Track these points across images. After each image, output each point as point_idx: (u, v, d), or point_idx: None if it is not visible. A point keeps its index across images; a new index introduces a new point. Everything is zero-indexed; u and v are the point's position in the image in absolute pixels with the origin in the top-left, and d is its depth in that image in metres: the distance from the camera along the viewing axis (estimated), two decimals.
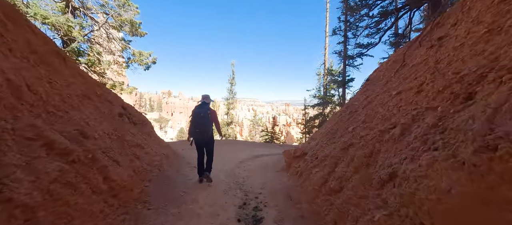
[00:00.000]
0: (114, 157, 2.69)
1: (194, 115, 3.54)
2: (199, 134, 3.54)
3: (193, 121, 3.55)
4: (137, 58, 9.49)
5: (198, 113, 3.49)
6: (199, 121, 3.46)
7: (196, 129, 3.49)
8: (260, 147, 10.79)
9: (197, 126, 3.48)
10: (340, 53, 10.37)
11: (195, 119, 3.50)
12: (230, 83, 24.22)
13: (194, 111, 3.56)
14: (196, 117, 3.49)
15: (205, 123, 3.47)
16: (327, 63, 17.06)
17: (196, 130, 3.51)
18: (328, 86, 16.96)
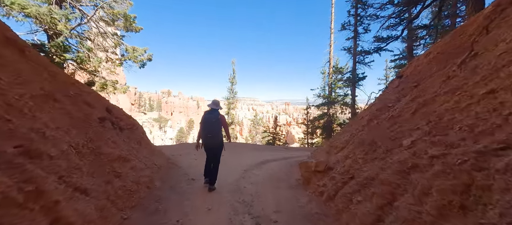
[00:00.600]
0: (79, 182, 1.94)
1: (204, 121, 3.53)
2: (210, 139, 3.57)
3: (204, 127, 3.55)
4: (131, 55, 8.71)
5: (209, 119, 3.48)
6: (210, 127, 3.48)
7: (207, 135, 3.52)
8: (264, 151, 10.05)
9: (208, 132, 3.50)
10: (350, 50, 9.64)
11: (206, 125, 3.50)
12: (231, 82, 23.46)
13: (204, 117, 3.55)
14: (207, 123, 3.49)
15: (216, 129, 3.50)
16: (333, 61, 16.31)
17: (208, 136, 3.53)
18: (334, 85, 16.22)
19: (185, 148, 8.41)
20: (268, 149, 10.86)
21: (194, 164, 5.61)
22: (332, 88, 16.30)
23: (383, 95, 4.40)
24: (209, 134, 3.52)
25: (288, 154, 9.63)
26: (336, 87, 15.93)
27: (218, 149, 3.80)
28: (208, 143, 3.63)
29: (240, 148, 9.79)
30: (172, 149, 8.19)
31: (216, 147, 3.74)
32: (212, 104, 3.72)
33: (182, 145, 9.34)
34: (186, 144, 9.47)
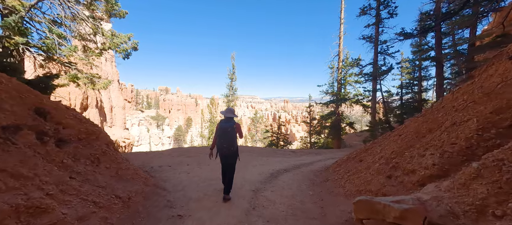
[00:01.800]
0: None
1: (220, 131, 3.48)
2: (226, 149, 3.50)
3: (219, 136, 3.49)
4: (110, 42, 7.21)
5: (225, 128, 3.45)
6: (226, 136, 3.44)
7: (223, 144, 3.46)
8: (270, 156, 8.66)
9: (224, 142, 3.45)
10: (371, 38, 8.24)
11: (222, 135, 3.46)
12: (230, 78, 21.97)
13: (220, 126, 3.51)
14: (223, 132, 3.45)
15: (232, 139, 3.47)
16: (342, 54, 14.89)
17: (224, 146, 3.47)
18: (344, 80, 14.82)
19: (178, 154, 6.99)
20: (274, 154, 9.46)
21: (185, 182, 4.21)
22: (341, 84, 14.91)
23: None
24: (225, 144, 3.44)
25: (299, 160, 8.25)
26: (347, 83, 14.54)
27: (234, 158, 3.69)
28: (224, 153, 3.54)
29: (243, 154, 8.38)
30: (162, 156, 6.77)
31: (231, 157, 3.63)
32: (227, 112, 3.65)
33: (174, 150, 7.91)
34: (179, 149, 8.04)
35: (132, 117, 74.15)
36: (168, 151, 7.67)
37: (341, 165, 4.85)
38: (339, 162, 5.55)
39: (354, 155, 4.84)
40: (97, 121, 20.44)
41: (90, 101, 19.75)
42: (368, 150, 4.38)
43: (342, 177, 3.93)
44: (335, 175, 4.30)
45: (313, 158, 9.55)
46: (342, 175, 4.08)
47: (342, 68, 14.80)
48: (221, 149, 3.50)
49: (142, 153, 7.17)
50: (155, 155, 6.78)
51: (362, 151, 4.55)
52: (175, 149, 8.04)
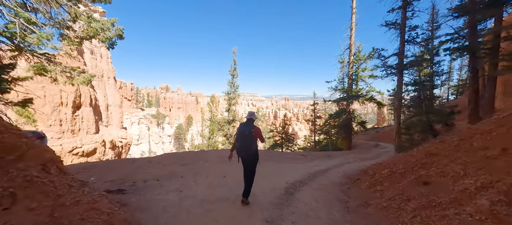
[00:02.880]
0: None
1: (239, 134, 3.50)
2: (244, 152, 3.50)
3: (238, 139, 3.50)
4: (87, 28, 6.03)
5: (243, 132, 3.46)
6: (244, 140, 3.45)
7: (241, 147, 3.48)
8: (281, 162, 7.50)
9: (242, 145, 3.46)
10: (395, 24, 7.04)
11: (240, 138, 3.46)
12: (231, 74, 20.75)
13: (239, 130, 3.55)
14: (241, 136, 3.46)
15: (249, 142, 3.45)
16: (354, 47, 13.65)
17: (242, 149, 3.48)
18: (356, 76, 13.59)
19: (170, 162, 5.85)
20: (283, 159, 8.29)
21: (173, 210, 3.04)
22: (352, 80, 13.70)
23: None
24: (242, 147, 3.47)
25: (312, 166, 7.04)
26: (359, 79, 13.31)
27: (253, 161, 3.62)
28: (243, 156, 3.56)
29: None
30: (151, 166, 5.63)
31: (250, 159, 3.60)
32: (247, 115, 3.71)
33: (167, 157, 6.76)
34: (172, 156, 6.88)
35: (132, 115, 73.24)
36: (159, 157, 6.52)
37: (383, 182, 3.67)
38: (375, 175, 4.37)
39: (402, 170, 3.63)
40: (91, 121, 19.37)
41: (83, 99, 18.66)
42: (429, 166, 3.15)
43: (397, 206, 2.71)
44: (380, 199, 3.13)
45: (327, 163, 8.42)
46: (396, 202, 2.86)
47: (354, 62, 13.57)
48: (240, 152, 3.53)
49: (128, 160, 6.04)
50: (143, 164, 5.64)
51: (417, 166, 3.33)
52: (168, 155, 6.89)
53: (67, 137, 17.19)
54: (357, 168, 7.52)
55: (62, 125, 16.93)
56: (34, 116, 11.29)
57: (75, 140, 17.37)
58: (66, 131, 17.23)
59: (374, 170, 5.06)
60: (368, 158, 11.08)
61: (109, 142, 20.88)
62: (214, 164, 6.07)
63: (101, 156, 19.59)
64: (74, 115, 17.97)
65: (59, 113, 16.76)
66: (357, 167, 7.99)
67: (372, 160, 10.55)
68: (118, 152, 22.30)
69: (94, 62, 22.52)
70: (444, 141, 3.50)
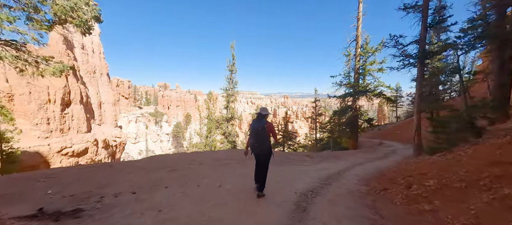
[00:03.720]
0: None
1: (252, 130, 3.55)
2: (257, 148, 3.52)
3: (252, 135, 3.54)
4: (53, 5, 5.03)
5: (256, 128, 3.49)
6: (256, 136, 3.48)
7: (254, 143, 3.50)
8: (285, 164, 6.59)
9: (255, 141, 3.49)
10: (415, 7, 6.11)
11: (254, 134, 3.49)
12: (230, 70, 19.75)
13: (251, 126, 3.58)
14: (254, 132, 3.50)
15: (263, 138, 3.47)
16: (361, 39, 12.71)
17: (255, 145, 3.50)
18: (362, 69, 12.68)
19: (156, 167, 4.94)
20: (287, 161, 7.38)
21: None
22: (359, 74, 12.79)
23: None
24: (255, 143, 3.49)
25: (321, 170, 6.11)
26: (367, 73, 12.40)
27: (266, 156, 3.60)
28: (256, 151, 3.57)
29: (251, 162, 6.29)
30: (132, 172, 4.71)
31: (263, 155, 3.58)
32: (259, 112, 3.66)
33: (153, 160, 5.82)
34: (161, 159, 5.94)
35: (130, 114, 72.13)
36: (145, 161, 5.59)
37: (432, 199, 2.74)
38: (412, 186, 3.46)
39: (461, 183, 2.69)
40: (82, 119, 18.38)
41: (73, 96, 17.65)
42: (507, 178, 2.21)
43: None
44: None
45: (336, 165, 7.54)
46: None
47: (361, 55, 12.64)
48: (253, 148, 3.55)
49: (105, 165, 5.12)
50: (124, 169, 4.72)
51: (486, 179, 2.36)
52: (155, 159, 5.95)
53: (55, 136, 16.22)
54: (371, 171, 6.64)
55: (49, 123, 15.95)
56: (11, 114, 10.32)
57: (64, 140, 16.40)
58: (55, 130, 16.25)
59: (402, 176, 4.17)
60: (378, 158, 10.23)
61: (102, 141, 19.92)
62: (209, 168, 5.17)
63: (93, 156, 18.65)
64: (63, 113, 16.98)
65: (46, 111, 15.76)
66: (371, 169, 7.11)
67: (383, 161, 9.69)
68: (111, 151, 21.36)
69: (85, 58, 21.44)
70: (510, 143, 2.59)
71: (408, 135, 22.02)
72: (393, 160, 9.88)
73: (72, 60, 18.40)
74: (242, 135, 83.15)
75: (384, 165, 8.35)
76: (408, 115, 33.39)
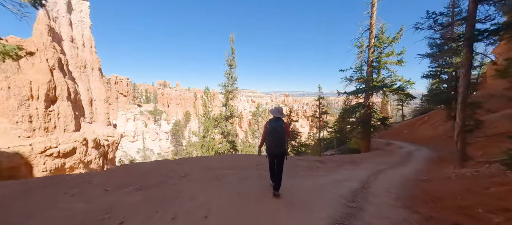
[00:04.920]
0: None
1: (270, 130, 3.48)
2: (276, 149, 3.46)
3: (270, 135, 3.48)
4: None
5: (275, 128, 3.45)
6: (276, 136, 3.43)
7: (273, 144, 3.45)
8: (293, 174, 5.25)
9: (274, 141, 3.44)
10: None
11: (272, 134, 3.45)
12: (229, 64, 18.38)
13: (270, 125, 3.50)
14: (273, 131, 3.45)
15: (282, 139, 3.46)
16: (375, 28, 11.31)
17: (274, 145, 3.44)
18: (377, 63, 11.28)
19: (123, 182, 3.60)
20: (296, 168, 6.03)
21: None
22: (373, 67, 11.40)
23: None
24: (274, 143, 3.42)
25: (342, 183, 4.75)
26: (382, 65, 11.00)
27: (283, 156, 3.55)
28: (274, 152, 3.49)
29: (247, 171, 4.88)
30: (81, 190, 3.36)
31: (281, 155, 3.53)
32: (276, 111, 3.64)
33: (122, 170, 4.44)
34: (129, 169, 4.55)
35: (128, 112, 70.92)
36: (105, 174, 4.21)
37: None
38: None
39: None
40: (69, 117, 17.05)
41: (59, 92, 16.31)
42: None
43: None
44: None
45: (356, 174, 6.18)
46: None
47: (376, 46, 11.23)
48: (271, 148, 3.46)
49: (46, 181, 3.76)
50: (68, 189, 3.36)
51: None
52: (124, 170, 4.57)
53: (39, 135, 14.90)
54: (402, 183, 5.30)
55: (32, 121, 14.63)
56: None
57: (49, 139, 15.08)
58: (38, 128, 14.94)
59: (482, 205, 2.81)
60: (398, 164, 8.88)
61: (92, 140, 18.61)
62: (195, 184, 3.84)
63: (82, 157, 17.35)
64: (48, 110, 15.65)
65: (28, 108, 14.44)
66: (398, 180, 5.76)
67: (405, 167, 8.33)
68: (103, 151, 20.06)
69: (75, 51, 20.07)
70: None
71: (417, 135, 20.64)
72: (417, 166, 8.54)
73: (58, 53, 17.03)
74: (242, 134, 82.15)
75: (410, 174, 7.03)
76: (416, 113, 31.99)
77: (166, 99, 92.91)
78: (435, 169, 7.43)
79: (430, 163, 9.10)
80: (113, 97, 70.21)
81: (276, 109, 3.69)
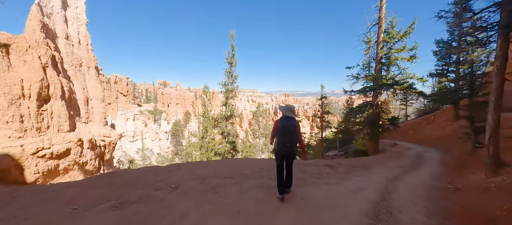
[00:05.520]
0: None
1: (283, 128, 3.25)
2: (288, 148, 3.29)
3: (282, 134, 3.25)
4: None
5: (288, 127, 3.22)
6: (289, 135, 3.22)
7: (286, 143, 3.24)
8: (300, 182, 4.57)
9: (287, 140, 3.24)
10: None
11: (285, 133, 3.24)
12: (229, 62, 17.73)
13: (282, 124, 3.27)
14: (286, 130, 3.23)
15: (295, 138, 3.30)
16: (385, 22, 10.62)
17: (286, 145, 3.24)
18: (387, 59, 10.60)
19: (93, 201, 2.95)
20: (303, 174, 5.36)
21: None
22: (382, 64, 10.71)
23: None
24: (287, 143, 3.22)
25: (358, 193, 4.04)
26: (392, 62, 10.31)
27: (293, 156, 3.46)
28: (285, 152, 3.31)
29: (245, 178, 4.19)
30: (29, 217, 2.71)
31: (291, 155, 3.41)
32: (287, 110, 3.36)
33: (96, 180, 3.77)
34: (103, 180, 3.86)
35: (128, 111, 70.37)
36: (86, 185, 3.55)
37: None
38: None
39: None
40: (64, 116, 16.42)
41: (52, 91, 15.66)
42: None
43: None
44: None
45: (371, 181, 5.49)
46: None
47: (385, 41, 10.54)
48: (283, 147, 3.26)
49: (7, 194, 3.10)
50: (37, 202, 2.70)
51: None
52: (101, 178, 3.90)
53: (30, 136, 14.27)
54: (429, 193, 4.61)
55: (23, 121, 14.00)
56: None
57: (41, 140, 14.45)
58: (30, 129, 14.31)
59: None
60: (411, 167, 8.18)
61: (88, 141, 17.98)
62: (185, 197, 3.18)
63: (76, 158, 16.72)
64: (41, 109, 15.02)
65: (19, 107, 13.80)
66: (418, 187, 5.08)
67: (420, 171, 7.65)
68: (99, 152, 19.43)
69: (70, 49, 19.43)
70: None
71: (423, 135, 19.86)
72: (433, 170, 7.84)
73: (52, 50, 16.39)
74: (243, 134, 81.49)
75: (430, 180, 6.34)
76: (420, 113, 31.22)
77: (166, 99, 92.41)
78: (456, 174, 6.76)
79: (446, 167, 8.41)
80: (113, 96, 69.63)
81: (287, 107, 3.39)
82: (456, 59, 19.61)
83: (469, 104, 9.82)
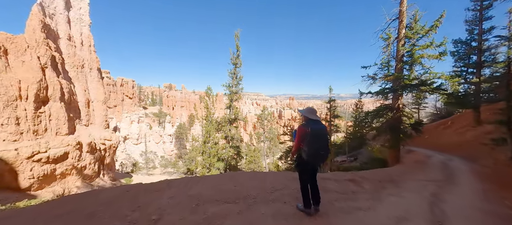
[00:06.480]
0: None
1: (315, 134, 2.73)
2: (323, 156, 2.81)
3: (315, 141, 2.72)
4: None
5: (321, 131, 2.76)
6: (324, 141, 2.79)
7: (320, 151, 2.75)
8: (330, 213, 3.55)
9: (321, 147, 2.75)
10: None
11: (318, 139, 2.73)
12: (234, 63, 16.87)
13: (314, 129, 2.74)
14: (319, 136, 2.74)
15: (328, 143, 2.85)
16: (406, 17, 9.54)
17: (321, 153, 2.77)
18: (409, 57, 9.48)
19: None
20: (328, 198, 4.32)
21: None
22: (403, 63, 9.59)
23: None
24: (322, 150, 2.75)
25: (402, 224, 3.00)
26: (416, 60, 9.17)
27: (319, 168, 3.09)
28: (319, 161, 2.85)
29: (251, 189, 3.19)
30: None
31: (320, 164, 2.99)
32: (312, 113, 2.90)
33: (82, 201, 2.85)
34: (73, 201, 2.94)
35: (133, 114, 70.56)
36: (45, 209, 2.62)
37: None
38: None
39: None
40: (62, 119, 15.84)
41: (51, 93, 15.13)
42: None
43: None
44: None
45: (409, 203, 4.34)
46: None
47: (407, 37, 9.44)
48: (317, 156, 2.75)
49: None
50: None
51: None
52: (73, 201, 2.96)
53: (27, 139, 13.68)
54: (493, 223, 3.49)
55: (20, 124, 13.43)
56: None
57: (38, 143, 13.84)
58: (26, 131, 13.72)
59: None
60: (447, 181, 6.93)
61: (87, 144, 17.35)
62: None
63: (75, 162, 16.05)
64: (38, 111, 14.46)
65: (15, 109, 13.25)
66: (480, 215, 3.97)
67: (461, 187, 6.42)
68: (99, 156, 18.78)
69: (72, 50, 19.03)
70: None
71: (441, 141, 18.33)
72: (475, 187, 6.54)
73: (52, 50, 15.94)
74: (247, 137, 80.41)
75: (474, 200, 5.20)
76: (435, 117, 29.56)
77: (171, 102, 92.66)
78: (504, 192, 5.60)
79: (485, 181, 7.16)
80: (118, 99, 69.97)
81: (310, 109, 2.92)
82: (477, 59, 18.25)
83: (507, 107, 8.59)
